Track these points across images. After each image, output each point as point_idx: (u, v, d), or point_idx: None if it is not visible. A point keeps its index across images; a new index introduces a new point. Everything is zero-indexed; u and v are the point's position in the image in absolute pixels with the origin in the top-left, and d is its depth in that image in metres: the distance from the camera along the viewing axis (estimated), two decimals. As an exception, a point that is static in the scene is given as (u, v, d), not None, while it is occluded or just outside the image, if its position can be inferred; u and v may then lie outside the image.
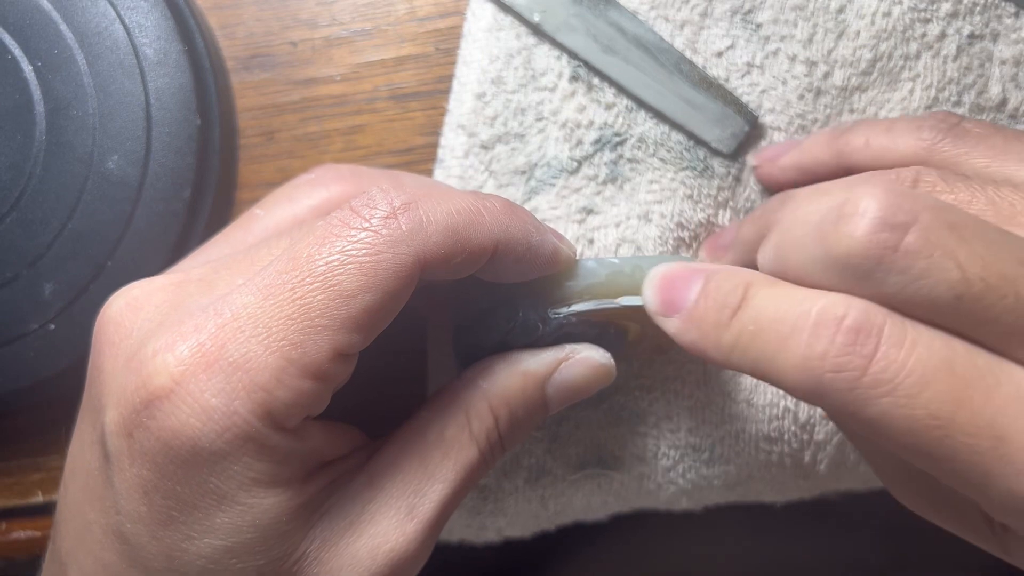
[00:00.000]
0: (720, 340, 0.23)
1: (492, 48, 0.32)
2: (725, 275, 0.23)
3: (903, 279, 0.20)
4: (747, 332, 0.22)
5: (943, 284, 0.19)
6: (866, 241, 0.20)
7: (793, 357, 0.20)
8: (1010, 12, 0.31)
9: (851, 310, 0.20)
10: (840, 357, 0.20)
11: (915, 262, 0.20)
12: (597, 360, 0.27)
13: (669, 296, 0.25)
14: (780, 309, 0.21)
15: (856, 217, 0.20)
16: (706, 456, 0.33)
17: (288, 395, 0.21)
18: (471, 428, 0.25)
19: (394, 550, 0.24)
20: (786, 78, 0.32)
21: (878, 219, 0.20)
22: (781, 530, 0.42)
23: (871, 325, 0.20)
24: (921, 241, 0.20)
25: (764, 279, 0.23)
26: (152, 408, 0.21)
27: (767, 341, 0.21)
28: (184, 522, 0.22)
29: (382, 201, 0.22)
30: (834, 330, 0.20)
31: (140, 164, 0.32)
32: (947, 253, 0.19)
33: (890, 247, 0.20)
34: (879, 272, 0.20)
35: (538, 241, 0.25)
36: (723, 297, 0.23)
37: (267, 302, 0.21)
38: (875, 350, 0.19)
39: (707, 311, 0.23)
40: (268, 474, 0.22)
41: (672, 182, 0.32)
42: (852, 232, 0.20)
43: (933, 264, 0.19)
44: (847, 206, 0.20)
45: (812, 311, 0.20)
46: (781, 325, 0.21)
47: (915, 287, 0.20)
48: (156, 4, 0.32)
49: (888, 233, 0.20)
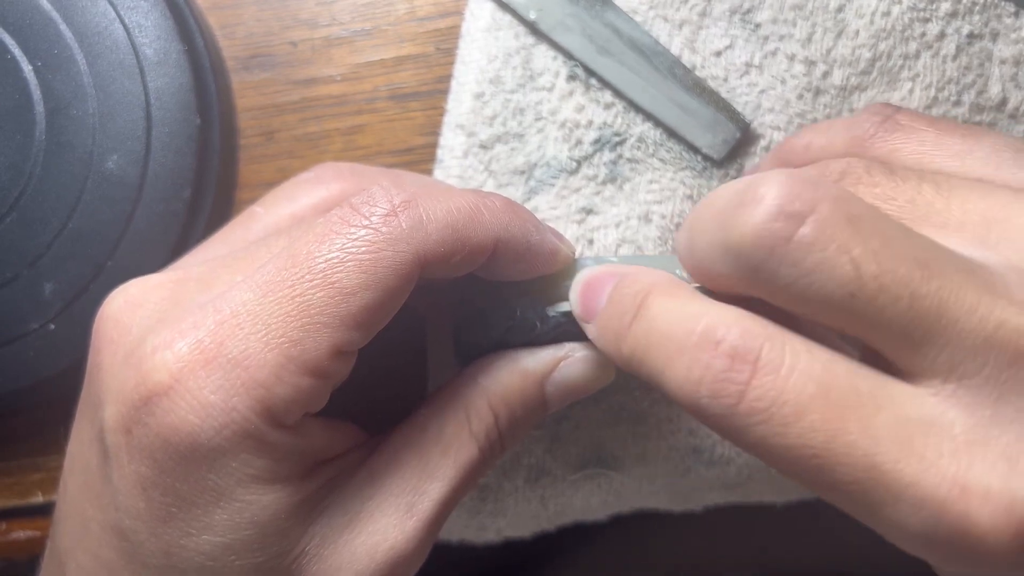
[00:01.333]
0: (620, 349, 0.22)
1: (490, 48, 0.32)
2: (630, 280, 0.23)
3: (794, 272, 0.19)
4: (640, 344, 0.21)
5: (835, 281, 0.19)
6: (759, 229, 0.19)
7: (676, 377, 0.20)
8: (1010, 12, 0.31)
9: (730, 332, 0.19)
10: (716, 383, 0.19)
11: (808, 255, 0.19)
12: (596, 359, 0.27)
13: (587, 301, 0.25)
14: (670, 324, 0.21)
15: (753, 204, 0.19)
16: (706, 457, 0.33)
17: (287, 392, 0.21)
18: (471, 426, 0.25)
19: (393, 548, 0.23)
20: (785, 77, 0.32)
21: (774, 207, 0.19)
22: (781, 530, 0.42)
23: (747, 350, 0.19)
24: (816, 233, 0.19)
25: (664, 286, 0.22)
26: (151, 405, 0.21)
27: (656, 357, 0.21)
28: (183, 519, 0.22)
29: (382, 199, 0.22)
30: (711, 354, 0.19)
31: (140, 164, 0.32)
32: (842, 248, 0.19)
33: (783, 237, 0.19)
34: (771, 263, 0.19)
35: (538, 240, 0.25)
36: (623, 304, 0.23)
37: (266, 299, 0.21)
38: (751, 376, 0.19)
39: (610, 318, 0.23)
40: (267, 471, 0.22)
41: (672, 182, 0.32)
42: (747, 219, 0.19)
43: (826, 259, 0.19)
44: (748, 192, 0.20)
45: (697, 329, 0.20)
46: (668, 342, 0.20)
47: (807, 282, 0.19)
48: (156, 4, 0.32)
49: (783, 222, 0.19)
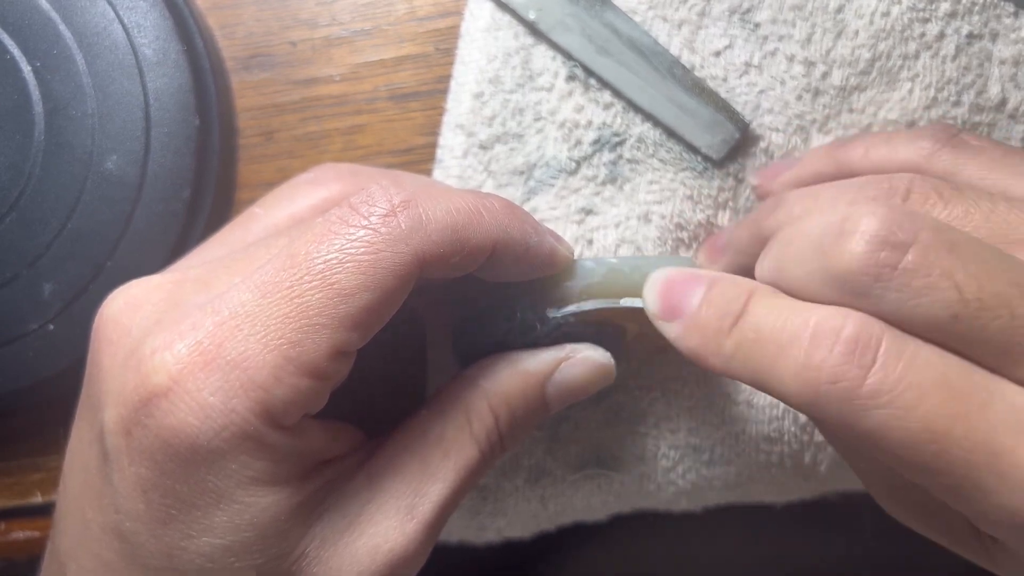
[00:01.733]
0: (721, 348, 0.23)
1: (490, 48, 0.32)
2: (728, 283, 0.24)
3: (901, 297, 0.20)
4: (747, 340, 0.22)
5: (940, 303, 0.20)
6: (866, 258, 0.20)
7: (791, 367, 0.21)
8: (1009, 12, 0.31)
9: (849, 322, 0.20)
10: (837, 368, 0.20)
11: (913, 281, 0.20)
12: (597, 360, 0.27)
13: (670, 301, 0.25)
14: (780, 319, 0.21)
15: (856, 235, 0.20)
16: (706, 457, 0.33)
17: (286, 393, 0.21)
18: (471, 428, 0.25)
19: (393, 550, 0.23)
20: (784, 78, 0.32)
21: (878, 237, 0.20)
22: (781, 530, 0.42)
23: (869, 337, 0.20)
24: (920, 260, 0.20)
25: (766, 289, 0.23)
26: (151, 406, 0.21)
27: (766, 350, 0.21)
28: (183, 520, 0.22)
29: (381, 199, 0.22)
30: (832, 340, 0.20)
31: (139, 164, 0.32)
32: (945, 273, 0.20)
33: (889, 265, 0.20)
34: (877, 289, 0.20)
35: (536, 242, 0.25)
36: (725, 305, 0.23)
37: (265, 300, 0.21)
38: (872, 362, 0.20)
39: (709, 318, 0.23)
40: (266, 472, 0.22)
41: (672, 182, 0.32)
42: (852, 249, 0.20)
43: (931, 284, 0.20)
44: (848, 223, 0.21)
45: (811, 321, 0.21)
46: (780, 334, 0.21)
47: (912, 305, 0.20)
48: (155, 4, 0.32)
49: (888, 252, 0.20)
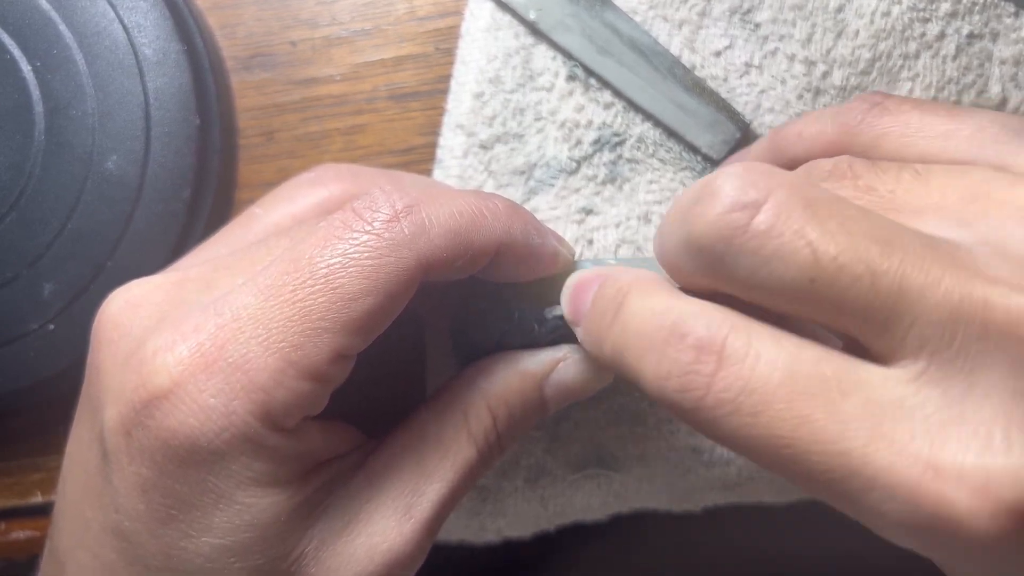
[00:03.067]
0: (602, 350, 0.23)
1: (490, 48, 0.32)
2: (611, 281, 0.23)
3: (753, 262, 0.19)
4: (618, 343, 0.21)
5: (795, 266, 0.18)
6: (716, 220, 0.19)
7: (648, 374, 0.20)
8: (1009, 12, 0.31)
9: (696, 325, 0.19)
10: (683, 377, 0.19)
11: (765, 243, 0.19)
12: (593, 361, 0.27)
13: (576, 304, 0.25)
14: (643, 321, 0.21)
15: (710, 197, 0.19)
16: (706, 457, 0.33)
17: (287, 396, 0.21)
18: (469, 428, 0.25)
19: (392, 550, 0.23)
20: (785, 78, 0.32)
21: (729, 198, 0.19)
22: (781, 530, 0.42)
23: (712, 341, 0.19)
24: (771, 219, 0.19)
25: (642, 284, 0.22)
26: (151, 407, 0.21)
27: (632, 355, 0.21)
28: (183, 521, 0.22)
29: (384, 203, 0.22)
30: (678, 348, 0.19)
31: (139, 164, 0.32)
32: (798, 232, 0.18)
33: (739, 226, 0.19)
34: (730, 255, 0.19)
35: (539, 243, 0.25)
36: (605, 305, 0.23)
37: (268, 303, 0.21)
38: (717, 368, 0.19)
39: (592, 320, 0.23)
40: (266, 474, 0.22)
41: (672, 182, 0.32)
42: (705, 212, 0.19)
43: (783, 244, 0.18)
44: (706, 187, 0.20)
45: (664, 326, 0.20)
46: (641, 339, 0.21)
47: (767, 270, 0.19)
48: (155, 4, 0.32)
49: (739, 212, 0.19)
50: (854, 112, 0.26)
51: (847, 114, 0.26)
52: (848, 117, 0.26)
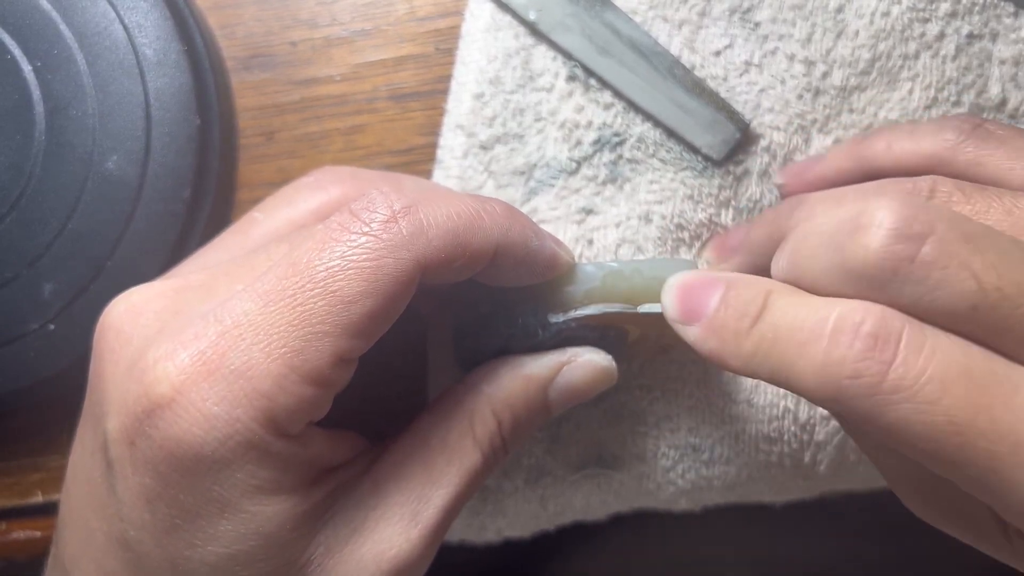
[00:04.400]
0: (740, 348, 0.23)
1: (490, 48, 0.32)
2: (745, 284, 0.23)
3: (919, 289, 0.20)
4: (766, 340, 0.22)
5: (959, 294, 0.20)
6: (883, 252, 0.20)
7: (812, 363, 0.21)
8: (1009, 12, 0.31)
9: (869, 316, 0.20)
10: (859, 363, 0.20)
11: (931, 273, 0.20)
12: (599, 363, 0.27)
13: (688, 305, 0.25)
14: (799, 316, 0.21)
15: (872, 228, 0.20)
16: (706, 457, 0.33)
17: (290, 402, 0.21)
18: (474, 433, 0.25)
19: (398, 556, 0.24)
20: (784, 77, 0.32)
21: (894, 230, 0.20)
22: (781, 530, 0.42)
23: (889, 331, 0.20)
24: (937, 252, 0.20)
25: (784, 288, 0.23)
26: (154, 417, 0.21)
27: (786, 348, 0.21)
28: (188, 530, 0.22)
29: (382, 205, 0.22)
30: (852, 336, 0.20)
31: (140, 164, 0.32)
32: (963, 264, 0.20)
33: (906, 258, 0.20)
34: (895, 282, 0.20)
35: (537, 245, 0.25)
36: (743, 306, 0.23)
37: (268, 309, 0.21)
38: (894, 356, 0.19)
39: (727, 319, 0.23)
40: (271, 481, 0.22)
41: (672, 182, 0.32)
42: (868, 243, 0.20)
43: (949, 275, 0.20)
44: (863, 217, 0.21)
45: (831, 317, 0.21)
46: (800, 332, 0.21)
47: (931, 297, 0.20)
48: (156, 4, 0.32)
49: (904, 244, 0.20)
50: (953, 132, 0.27)
51: (946, 130, 0.27)
52: (947, 135, 0.27)
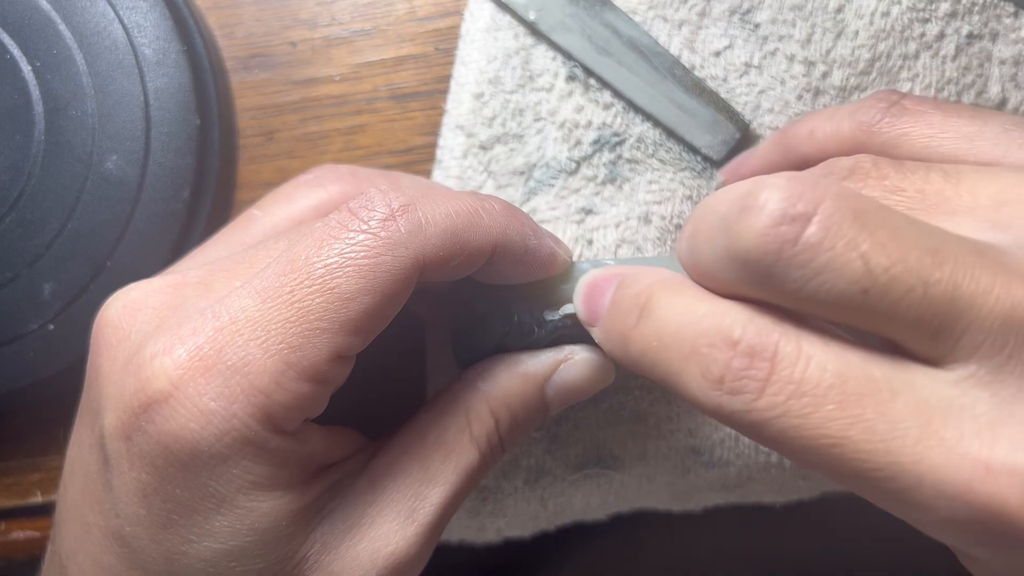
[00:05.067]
0: (628, 351, 0.22)
1: (490, 48, 0.32)
2: (631, 280, 0.23)
3: (804, 274, 0.19)
4: (651, 345, 0.21)
5: (847, 278, 0.18)
6: (765, 234, 0.19)
7: (694, 378, 0.20)
8: (1009, 12, 0.31)
9: (746, 331, 0.19)
10: (735, 381, 0.19)
11: (816, 255, 0.19)
12: (596, 360, 0.27)
13: (591, 304, 0.25)
14: (679, 323, 0.21)
15: (756, 209, 0.19)
16: (705, 458, 0.33)
17: (287, 398, 0.21)
18: (471, 430, 0.25)
19: (395, 553, 0.24)
20: (784, 78, 0.32)
21: (777, 211, 0.19)
22: (781, 530, 0.42)
23: (764, 346, 0.19)
24: (822, 232, 0.18)
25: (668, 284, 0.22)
26: (151, 412, 0.21)
27: (669, 358, 0.21)
28: (184, 525, 0.22)
29: (380, 203, 0.22)
30: (730, 353, 0.19)
31: (139, 164, 0.32)
32: (850, 244, 0.18)
33: (789, 240, 0.19)
34: (779, 267, 0.19)
35: (535, 244, 0.25)
36: (627, 305, 0.23)
37: (265, 305, 0.21)
38: (769, 372, 0.19)
39: (614, 320, 0.23)
40: (267, 477, 0.22)
41: (671, 182, 0.32)
42: (752, 225, 0.19)
43: (835, 257, 0.18)
44: (750, 197, 0.19)
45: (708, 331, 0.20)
46: (680, 343, 0.20)
47: (818, 283, 0.19)
48: (155, 4, 0.32)
49: (787, 226, 0.19)
50: (871, 111, 0.26)
51: (864, 112, 0.26)
52: (865, 115, 0.26)
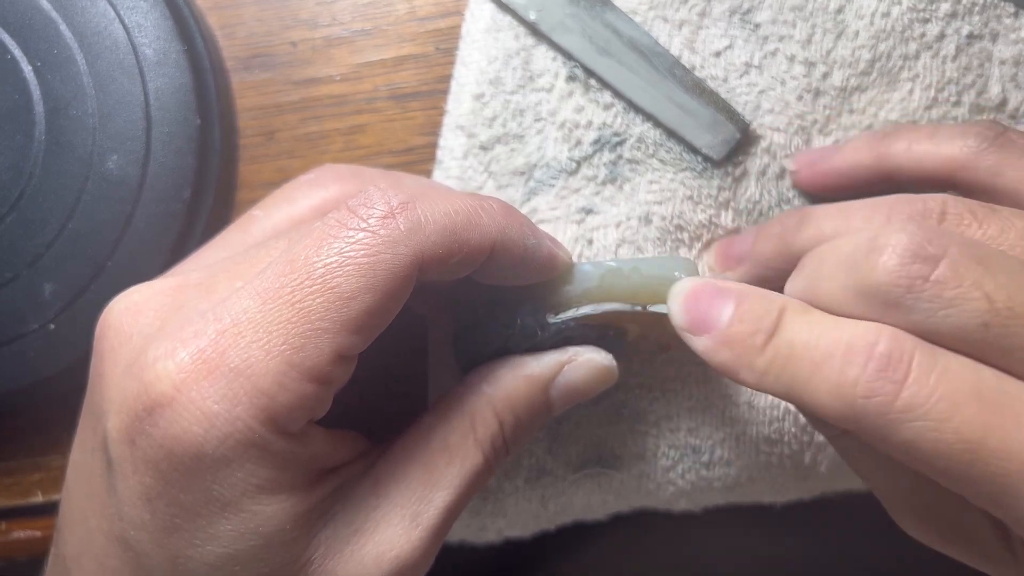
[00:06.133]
0: (753, 364, 0.23)
1: (490, 49, 0.32)
2: (758, 298, 0.24)
3: (932, 307, 0.21)
4: (781, 357, 0.22)
5: (970, 313, 0.20)
6: (897, 271, 0.21)
7: (826, 382, 0.21)
8: (1009, 12, 0.31)
9: (882, 337, 0.21)
10: (872, 383, 0.20)
11: (944, 292, 0.20)
12: (600, 362, 0.27)
13: (698, 315, 0.25)
14: (813, 335, 0.22)
15: (888, 248, 0.21)
16: (706, 458, 0.33)
17: (290, 399, 0.21)
18: (476, 434, 0.25)
19: (399, 557, 0.23)
20: (785, 78, 0.32)
21: (909, 251, 0.21)
22: (781, 530, 0.42)
23: (902, 352, 0.20)
24: (950, 272, 0.20)
25: (798, 305, 0.23)
26: (154, 415, 0.21)
27: (800, 366, 0.22)
28: (188, 529, 0.22)
29: (379, 201, 0.22)
30: (866, 356, 0.21)
31: (140, 164, 0.32)
32: (975, 284, 0.20)
33: (921, 277, 0.21)
34: (908, 300, 0.21)
35: (534, 244, 0.25)
36: (757, 320, 0.23)
37: (266, 306, 0.21)
38: (906, 376, 0.20)
39: (740, 334, 0.23)
40: (271, 480, 0.22)
41: (672, 183, 0.32)
42: (884, 263, 0.21)
43: (962, 294, 0.20)
44: (880, 239, 0.21)
45: (844, 337, 0.21)
46: (814, 351, 0.22)
47: (944, 315, 0.20)
48: (156, 4, 0.32)
49: (919, 264, 0.21)
50: (975, 138, 0.28)
51: (967, 138, 0.28)
52: (969, 141, 0.28)
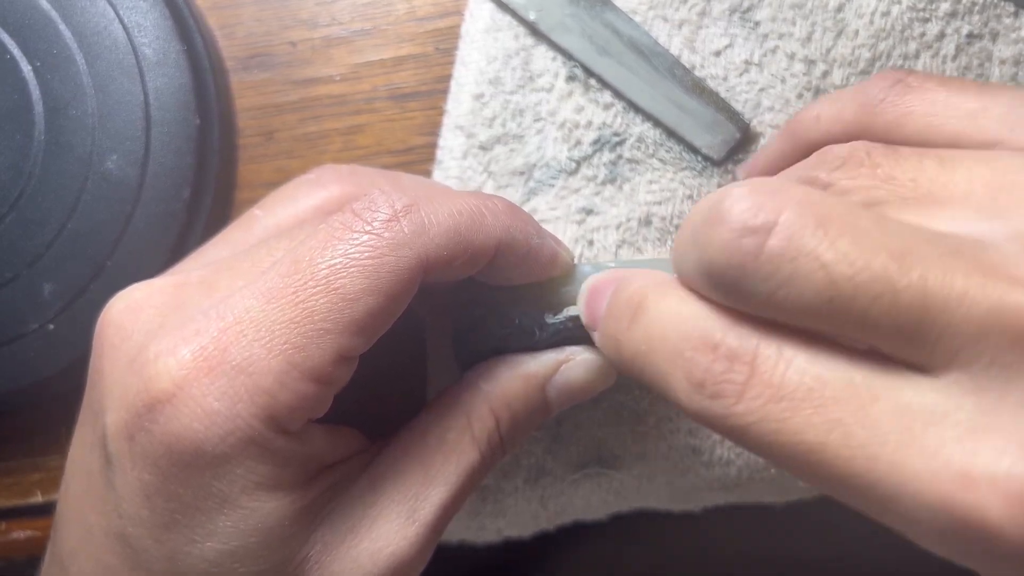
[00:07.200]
0: (621, 354, 0.22)
1: (490, 49, 0.32)
2: (625, 284, 0.23)
3: (769, 286, 0.19)
4: (640, 350, 0.21)
5: (811, 289, 0.18)
6: (726, 247, 0.19)
7: (677, 382, 0.20)
8: (1009, 12, 0.31)
9: (727, 335, 0.19)
10: (716, 385, 0.19)
11: (778, 268, 0.18)
12: (597, 362, 0.27)
13: (592, 308, 0.24)
14: (666, 327, 0.21)
15: (719, 221, 0.19)
16: (706, 458, 0.33)
17: (291, 398, 0.21)
18: (472, 431, 0.25)
19: (395, 554, 0.24)
20: (785, 76, 0.32)
21: (738, 223, 0.19)
22: (781, 530, 0.42)
23: (744, 350, 0.19)
24: (783, 243, 0.18)
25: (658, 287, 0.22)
26: (154, 412, 0.21)
27: (657, 361, 0.21)
28: (186, 525, 0.22)
29: (383, 203, 0.22)
30: (711, 357, 0.19)
31: (139, 164, 0.32)
32: (811, 255, 0.18)
33: (751, 253, 0.19)
34: (744, 281, 0.19)
35: (538, 243, 0.25)
36: (621, 308, 0.23)
37: (269, 305, 0.21)
38: (749, 375, 0.19)
39: (609, 323, 0.23)
40: (271, 478, 0.22)
41: (672, 182, 0.32)
42: (715, 237, 0.19)
43: (797, 268, 0.18)
44: (713, 209, 0.19)
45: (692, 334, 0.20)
46: (666, 345, 0.20)
47: (783, 294, 0.18)
48: (155, 4, 0.32)
49: (749, 238, 0.19)
50: (875, 90, 0.25)
51: (867, 92, 0.26)
52: (868, 96, 0.25)
